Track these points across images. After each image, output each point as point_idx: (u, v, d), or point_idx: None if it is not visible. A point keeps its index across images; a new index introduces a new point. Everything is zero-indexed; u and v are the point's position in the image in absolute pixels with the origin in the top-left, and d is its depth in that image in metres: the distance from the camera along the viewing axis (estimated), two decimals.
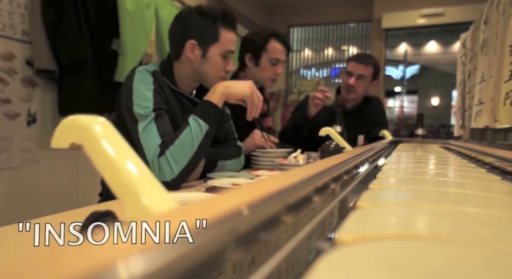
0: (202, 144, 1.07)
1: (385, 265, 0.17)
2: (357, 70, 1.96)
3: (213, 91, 1.12)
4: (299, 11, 4.86)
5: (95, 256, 0.10)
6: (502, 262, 0.19)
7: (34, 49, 1.99)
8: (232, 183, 1.14)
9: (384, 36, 4.40)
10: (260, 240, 0.18)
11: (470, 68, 1.23)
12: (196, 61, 1.17)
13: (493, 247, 0.22)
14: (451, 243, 0.22)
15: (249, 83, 1.15)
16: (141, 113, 1.07)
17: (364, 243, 0.21)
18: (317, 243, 0.23)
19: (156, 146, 1.04)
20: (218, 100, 1.11)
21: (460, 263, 0.18)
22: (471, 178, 0.59)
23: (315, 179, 0.29)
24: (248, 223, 0.17)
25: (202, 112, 1.09)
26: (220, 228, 0.14)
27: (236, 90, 1.13)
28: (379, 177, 0.53)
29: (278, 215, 0.21)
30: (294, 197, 0.24)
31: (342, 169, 0.43)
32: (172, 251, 0.11)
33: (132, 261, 0.10)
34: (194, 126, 1.06)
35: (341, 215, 0.29)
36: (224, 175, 1.31)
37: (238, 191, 0.21)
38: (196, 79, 1.23)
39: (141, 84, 1.11)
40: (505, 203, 0.38)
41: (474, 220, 0.28)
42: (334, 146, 1.07)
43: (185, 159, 1.04)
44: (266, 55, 1.60)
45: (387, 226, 0.27)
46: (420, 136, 2.00)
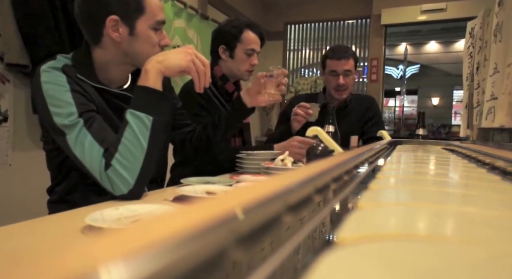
0: (153, 139, 0.90)
1: (385, 265, 0.17)
2: (341, 67, 1.84)
3: (144, 73, 0.92)
4: (296, 7, 4.71)
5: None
6: (502, 262, 0.19)
7: (3, 42, 1.84)
8: (207, 191, 1.00)
9: (383, 33, 4.25)
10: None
11: (479, 60, 1.08)
12: (123, 41, 0.96)
13: (493, 247, 0.21)
14: (451, 243, 0.22)
15: (186, 49, 0.97)
16: (65, 124, 0.88)
17: (364, 243, 0.21)
18: (317, 243, 0.25)
19: (99, 158, 0.87)
20: (154, 81, 0.92)
21: (460, 263, 0.18)
22: (471, 178, 0.60)
23: (289, 192, 0.24)
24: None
25: (139, 102, 0.91)
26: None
27: (171, 62, 0.94)
28: (379, 177, 0.53)
29: (257, 234, 0.18)
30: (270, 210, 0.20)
31: (325, 178, 0.35)
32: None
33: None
34: (134, 122, 0.88)
35: (341, 215, 0.30)
36: (201, 180, 1.17)
37: (204, 204, 0.17)
38: (128, 63, 1.03)
39: (52, 87, 0.90)
40: (505, 203, 0.38)
41: (474, 220, 0.28)
42: (322, 149, 0.91)
43: (137, 163, 0.88)
44: (241, 46, 1.51)
45: (387, 226, 0.27)
46: (421, 137, 1.85)
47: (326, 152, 0.91)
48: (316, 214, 0.28)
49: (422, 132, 1.85)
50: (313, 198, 0.28)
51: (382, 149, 1.06)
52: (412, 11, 4.02)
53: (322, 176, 0.30)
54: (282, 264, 0.19)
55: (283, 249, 0.20)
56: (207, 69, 1.00)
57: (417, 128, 1.88)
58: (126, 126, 0.89)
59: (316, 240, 0.27)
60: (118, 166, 0.87)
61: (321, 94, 1.98)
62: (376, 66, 4.26)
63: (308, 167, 0.33)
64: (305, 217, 0.26)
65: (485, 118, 0.96)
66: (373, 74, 4.27)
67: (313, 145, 0.93)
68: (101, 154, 0.88)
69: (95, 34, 0.97)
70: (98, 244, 0.11)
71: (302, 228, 0.25)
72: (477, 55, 1.11)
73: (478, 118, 1.09)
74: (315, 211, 0.29)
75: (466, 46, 1.27)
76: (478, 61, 1.10)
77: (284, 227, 0.21)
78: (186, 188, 0.98)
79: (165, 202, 0.91)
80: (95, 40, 0.98)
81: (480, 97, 1.05)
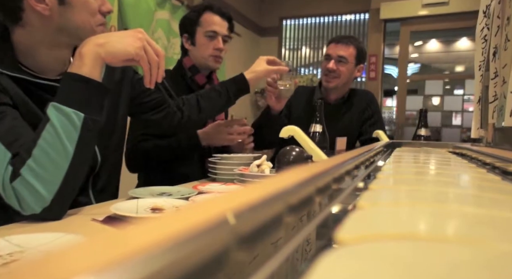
0: (83, 142, 0.69)
1: (385, 266, 0.17)
2: (336, 52, 1.64)
3: (79, 57, 0.72)
4: (291, 1, 4.50)
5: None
6: (502, 263, 0.19)
7: None
8: (153, 207, 0.79)
9: (382, 28, 4.04)
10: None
11: (498, 43, 0.88)
12: (53, 14, 0.76)
13: (493, 247, 0.21)
14: (452, 243, 0.22)
15: (136, 33, 0.77)
16: None
17: (364, 243, 0.21)
18: (317, 243, 0.26)
19: (3, 165, 0.66)
20: (91, 69, 0.71)
21: (460, 263, 0.18)
22: (471, 178, 0.59)
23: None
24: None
25: (67, 94, 0.70)
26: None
27: (116, 47, 0.74)
28: (379, 177, 0.49)
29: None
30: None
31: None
32: None
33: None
34: (58, 119, 0.67)
35: (341, 215, 0.30)
36: (154, 191, 0.96)
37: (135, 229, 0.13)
38: (65, 43, 0.82)
39: None
40: (505, 203, 0.37)
41: (474, 220, 0.28)
42: (296, 154, 0.70)
43: (57, 173, 0.67)
44: (201, 29, 1.37)
45: (387, 226, 0.26)
46: (424, 138, 1.63)
47: (300, 159, 0.69)
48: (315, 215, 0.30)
49: (425, 133, 1.63)
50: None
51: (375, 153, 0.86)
52: (412, 4, 3.81)
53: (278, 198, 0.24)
54: (281, 264, 0.19)
55: (282, 250, 0.21)
56: (161, 60, 0.80)
57: (419, 128, 1.66)
58: (46, 124, 0.68)
59: (298, 260, 0.26)
60: (29, 176, 0.66)
61: (317, 89, 1.78)
62: (375, 63, 4.05)
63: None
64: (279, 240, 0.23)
65: (509, 115, 0.75)
66: (372, 71, 4.05)
67: (286, 149, 0.72)
68: (7, 159, 0.67)
69: (13, 12, 0.75)
70: (68, 256, 0.10)
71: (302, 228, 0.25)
72: (494, 37, 0.91)
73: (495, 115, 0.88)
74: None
75: (479, 28, 1.06)
76: (495, 45, 0.89)
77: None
78: (124, 204, 0.77)
79: (94, 222, 0.70)
80: (13, 19, 0.76)
81: (499, 88, 0.84)
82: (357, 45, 1.67)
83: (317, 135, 1.22)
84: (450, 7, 3.66)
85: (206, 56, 1.37)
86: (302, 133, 0.76)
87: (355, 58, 1.66)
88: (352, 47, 1.64)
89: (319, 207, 0.35)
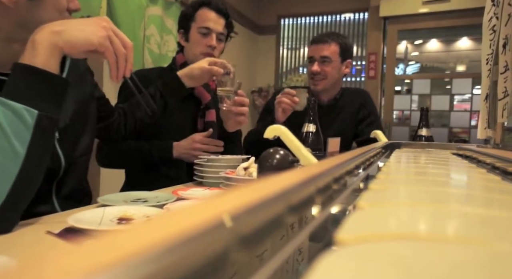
0: (36, 143, 0.60)
1: (385, 266, 0.17)
2: (318, 52, 1.56)
3: (31, 46, 0.63)
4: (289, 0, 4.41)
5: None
6: (502, 263, 0.19)
7: None
8: (120, 217, 0.70)
9: (382, 26, 3.94)
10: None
11: (508, 33, 0.79)
12: (19, 8, 0.68)
13: (494, 247, 0.21)
14: (452, 243, 0.22)
15: (100, 21, 0.69)
16: None
17: (364, 243, 0.21)
18: (317, 243, 0.25)
19: None
20: (45, 59, 0.62)
21: (460, 263, 0.18)
22: (471, 178, 0.59)
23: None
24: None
25: (16, 88, 0.61)
26: None
27: (76, 36, 0.64)
28: (379, 177, 0.48)
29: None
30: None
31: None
32: None
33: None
34: (6, 117, 0.58)
35: (341, 215, 0.29)
36: (128, 197, 0.87)
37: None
38: (22, 37, 0.71)
39: None
40: (505, 203, 0.37)
41: (474, 220, 0.28)
42: (280, 157, 0.60)
43: (4, 179, 0.58)
44: (195, 25, 1.31)
45: (387, 226, 0.26)
46: (425, 139, 1.54)
47: (285, 163, 0.60)
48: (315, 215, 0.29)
49: (426, 133, 1.54)
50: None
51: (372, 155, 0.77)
52: (412, 2, 3.71)
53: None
54: (281, 265, 0.19)
55: (282, 250, 0.21)
56: (129, 52, 0.72)
57: (420, 128, 1.57)
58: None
59: (289, 272, 0.26)
60: None
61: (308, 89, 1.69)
62: (375, 61, 3.95)
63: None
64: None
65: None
66: (371, 70, 3.96)
67: (269, 151, 0.63)
68: None
69: None
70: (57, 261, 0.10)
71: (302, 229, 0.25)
72: (504, 27, 0.82)
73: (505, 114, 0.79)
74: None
75: (487, 19, 0.97)
76: (506, 35, 0.80)
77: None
78: (87, 214, 0.68)
79: (49, 234, 0.62)
80: None
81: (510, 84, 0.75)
82: (339, 41, 1.58)
83: (310, 136, 1.13)
84: (452, 4, 3.56)
85: (197, 53, 1.30)
86: (289, 134, 0.67)
87: (339, 55, 1.57)
88: (333, 44, 1.56)
89: (313, 213, 0.33)
